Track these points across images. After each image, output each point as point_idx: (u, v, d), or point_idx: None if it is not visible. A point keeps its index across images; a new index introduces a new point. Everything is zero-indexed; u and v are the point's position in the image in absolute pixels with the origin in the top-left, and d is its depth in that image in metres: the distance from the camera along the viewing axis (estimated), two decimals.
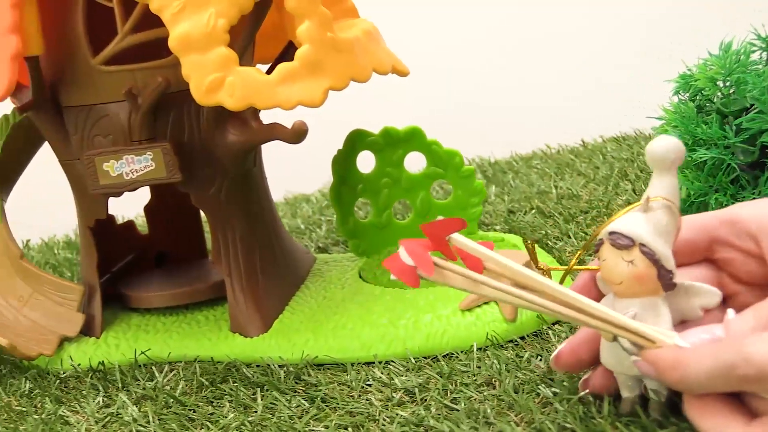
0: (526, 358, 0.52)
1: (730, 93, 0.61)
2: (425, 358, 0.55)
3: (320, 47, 0.52)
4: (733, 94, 0.60)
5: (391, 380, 0.52)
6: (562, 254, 0.68)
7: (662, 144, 0.40)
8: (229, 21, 0.51)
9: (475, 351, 0.54)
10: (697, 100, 0.63)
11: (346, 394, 0.52)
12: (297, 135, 0.54)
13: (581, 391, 0.45)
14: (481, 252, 0.41)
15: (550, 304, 0.40)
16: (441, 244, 0.41)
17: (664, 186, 0.41)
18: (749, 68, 0.60)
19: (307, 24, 0.52)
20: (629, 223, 0.40)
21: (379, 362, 0.55)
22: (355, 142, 0.66)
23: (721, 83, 0.61)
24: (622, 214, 0.41)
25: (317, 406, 0.51)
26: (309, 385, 0.54)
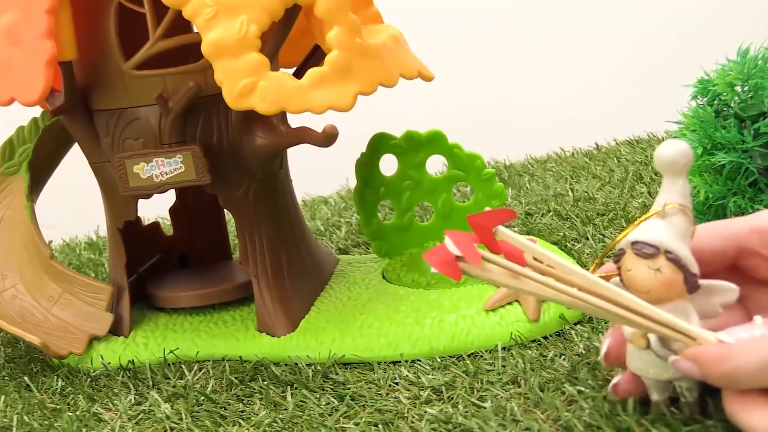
0: (550, 357, 0.54)
1: (748, 98, 0.62)
2: (450, 357, 0.56)
3: (350, 53, 0.53)
4: (751, 99, 0.61)
5: (418, 379, 0.54)
6: (581, 255, 0.69)
7: (671, 149, 0.41)
8: (260, 27, 0.52)
9: (499, 350, 0.56)
10: (715, 104, 0.64)
11: (374, 392, 0.53)
12: (328, 138, 0.55)
13: (611, 392, 0.46)
14: (528, 246, 0.42)
15: (596, 300, 0.40)
16: (487, 235, 0.41)
17: (677, 191, 0.42)
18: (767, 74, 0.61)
19: (337, 30, 0.53)
20: (651, 231, 0.41)
21: (406, 361, 0.57)
22: (379, 145, 0.67)
23: (739, 88, 0.62)
24: (639, 224, 0.42)
25: (347, 404, 0.52)
26: (337, 383, 0.55)
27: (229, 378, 0.57)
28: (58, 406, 0.56)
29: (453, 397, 0.51)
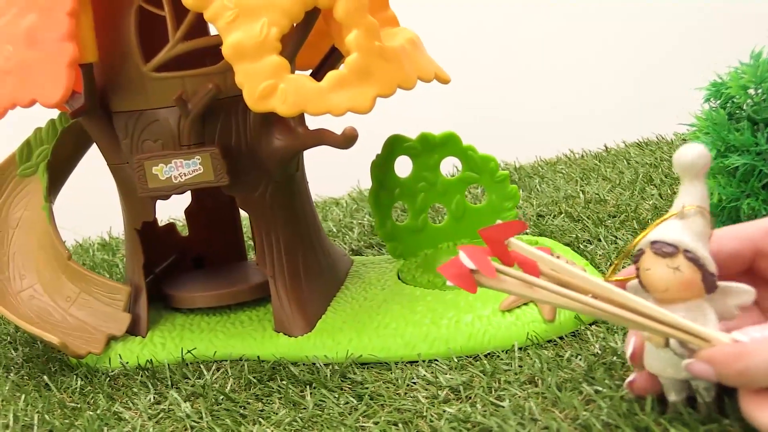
0: (566, 357, 0.54)
1: (761, 100, 0.62)
2: (467, 357, 0.57)
3: (368, 55, 0.53)
4: (764, 101, 0.62)
5: (435, 378, 0.54)
6: (594, 257, 0.69)
7: (690, 152, 0.42)
8: (280, 30, 0.53)
9: (516, 350, 0.56)
10: (728, 107, 0.64)
11: (392, 392, 0.53)
12: (347, 140, 0.55)
13: (626, 388, 0.46)
14: (541, 257, 0.42)
15: (609, 307, 0.41)
16: (499, 248, 0.42)
17: (695, 194, 0.42)
18: None
19: (356, 33, 0.53)
20: (670, 231, 0.42)
21: (423, 361, 0.57)
22: (394, 147, 0.68)
23: (752, 91, 0.63)
24: (657, 225, 0.42)
25: (365, 404, 0.52)
26: (355, 383, 0.55)
27: (248, 377, 0.57)
28: (78, 405, 0.57)
29: (471, 397, 0.51)
